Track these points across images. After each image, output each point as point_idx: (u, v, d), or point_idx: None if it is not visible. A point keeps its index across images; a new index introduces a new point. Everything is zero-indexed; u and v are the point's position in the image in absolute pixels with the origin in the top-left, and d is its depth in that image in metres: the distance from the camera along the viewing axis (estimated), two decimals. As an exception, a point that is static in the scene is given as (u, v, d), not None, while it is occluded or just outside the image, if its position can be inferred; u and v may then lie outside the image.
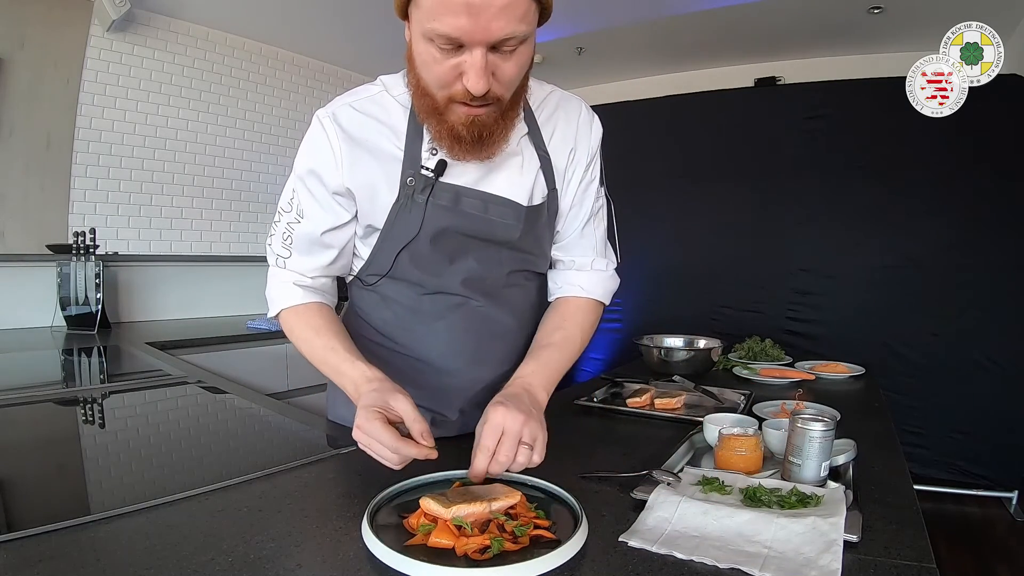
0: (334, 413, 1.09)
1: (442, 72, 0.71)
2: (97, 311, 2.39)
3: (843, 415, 1.03)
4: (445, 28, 0.66)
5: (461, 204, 0.86)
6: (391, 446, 0.69)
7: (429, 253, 0.88)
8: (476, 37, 0.66)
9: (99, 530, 0.65)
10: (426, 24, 0.67)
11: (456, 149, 0.79)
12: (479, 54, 0.68)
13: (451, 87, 0.73)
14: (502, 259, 0.93)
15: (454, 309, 0.93)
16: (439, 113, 0.77)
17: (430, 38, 0.68)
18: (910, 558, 0.60)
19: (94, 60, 2.62)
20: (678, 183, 3.24)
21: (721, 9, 2.90)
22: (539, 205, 0.91)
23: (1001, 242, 2.55)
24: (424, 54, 0.71)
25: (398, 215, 0.86)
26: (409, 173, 0.84)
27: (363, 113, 0.85)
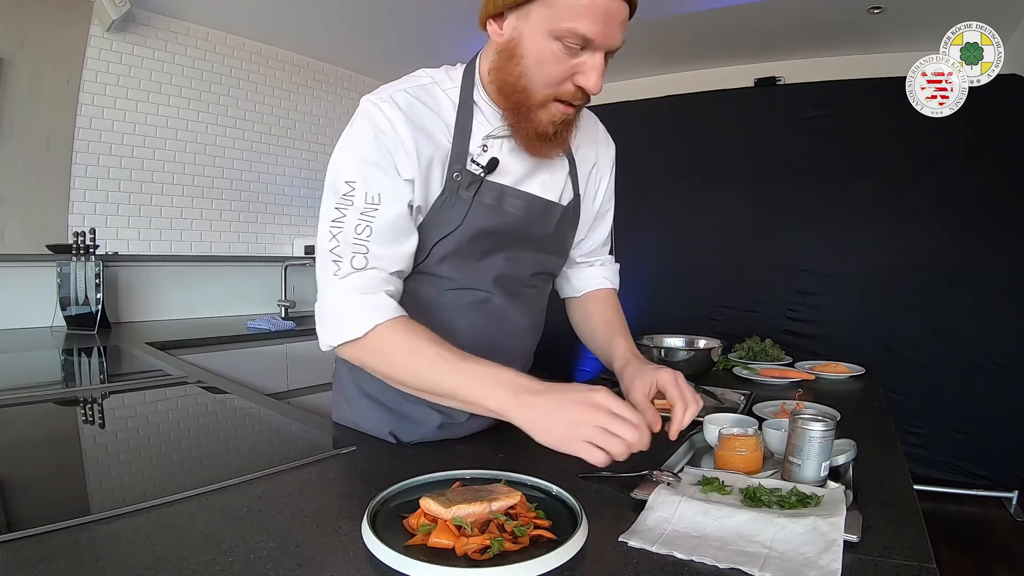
0: (341, 416, 1.07)
1: (558, 71, 0.76)
2: (97, 311, 2.39)
3: (843, 415, 1.03)
4: (584, 29, 0.72)
5: (504, 204, 0.88)
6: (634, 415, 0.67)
7: (463, 248, 0.89)
8: (605, 42, 0.75)
9: (99, 530, 0.65)
10: (560, 23, 0.72)
11: (535, 145, 0.83)
12: (600, 57, 0.76)
13: (559, 86, 0.78)
14: (528, 260, 0.96)
15: (475, 306, 0.94)
16: (531, 110, 0.80)
17: (559, 36, 0.73)
18: (910, 558, 0.60)
19: (94, 60, 2.62)
20: (678, 183, 3.23)
21: (721, 9, 2.90)
22: (567, 206, 0.97)
23: (1001, 242, 2.55)
24: (544, 52, 0.75)
25: (441, 208, 0.85)
26: (456, 168, 0.84)
27: (419, 100, 0.84)
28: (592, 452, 0.66)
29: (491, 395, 0.71)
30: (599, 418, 0.66)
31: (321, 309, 0.81)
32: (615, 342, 0.99)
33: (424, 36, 3.21)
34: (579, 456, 0.67)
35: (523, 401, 0.69)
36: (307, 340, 2.66)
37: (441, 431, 0.98)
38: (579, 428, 0.66)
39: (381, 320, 0.77)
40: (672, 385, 0.82)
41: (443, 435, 0.98)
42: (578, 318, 1.12)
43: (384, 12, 2.96)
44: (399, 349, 0.77)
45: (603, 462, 0.66)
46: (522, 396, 0.69)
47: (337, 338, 0.79)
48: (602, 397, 0.67)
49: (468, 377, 0.73)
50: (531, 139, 0.82)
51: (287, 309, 3.08)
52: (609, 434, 0.66)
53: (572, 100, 0.79)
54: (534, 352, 1.10)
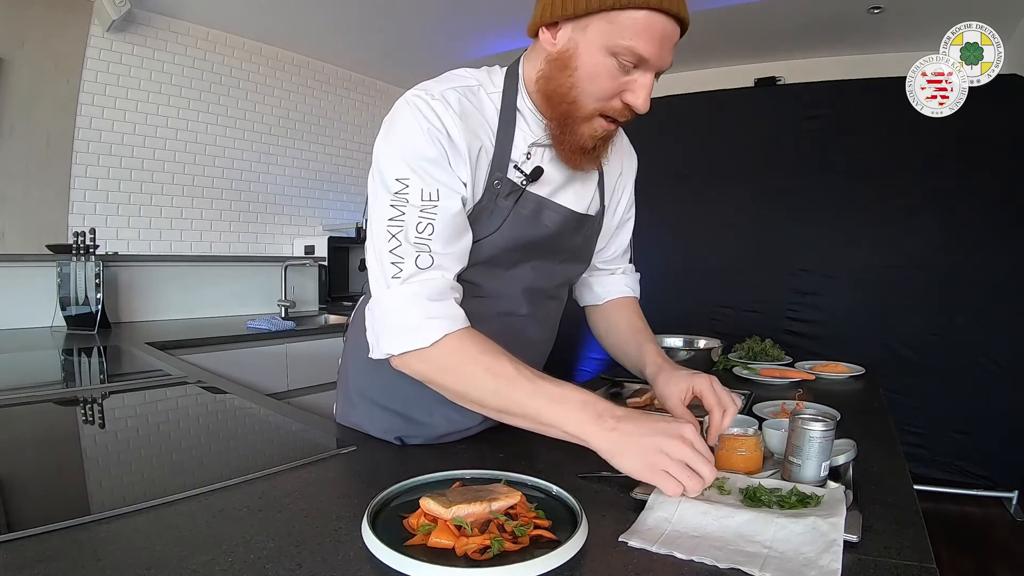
0: (344, 418, 1.06)
1: (610, 86, 0.77)
2: (97, 311, 2.39)
3: (843, 415, 1.03)
4: (641, 49, 0.73)
5: (542, 216, 0.88)
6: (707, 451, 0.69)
7: (496, 256, 0.88)
8: (658, 62, 0.76)
9: (99, 530, 0.65)
10: (619, 40, 0.73)
11: (575, 158, 0.84)
12: (651, 77, 0.77)
13: (608, 101, 0.78)
14: (554, 271, 0.96)
15: (500, 316, 0.92)
16: (576, 123, 0.80)
17: (615, 53, 0.74)
18: (910, 558, 0.60)
19: (94, 60, 2.62)
20: (678, 183, 3.23)
21: (721, 9, 2.90)
22: (594, 216, 0.98)
23: (1001, 242, 2.55)
24: (599, 66, 0.76)
25: (479, 214, 0.84)
26: (497, 175, 0.83)
27: (468, 100, 0.82)
28: (671, 484, 0.67)
29: (575, 419, 0.70)
30: (684, 452, 0.67)
31: (381, 315, 0.76)
32: (644, 348, 1.00)
33: (424, 36, 3.21)
34: (656, 485, 0.68)
35: (607, 426, 0.69)
36: (307, 340, 2.66)
37: (447, 436, 0.98)
38: (661, 459, 0.67)
39: (451, 330, 0.73)
40: (709, 391, 0.83)
41: (448, 438, 0.98)
42: (603, 328, 1.13)
43: (384, 12, 2.96)
44: (472, 363, 0.73)
45: (677, 493, 0.68)
46: (607, 421, 0.70)
47: (400, 347, 0.74)
48: (689, 431, 0.69)
49: (550, 400, 0.71)
50: (572, 151, 0.83)
51: (287, 309, 3.08)
52: (689, 470, 0.67)
53: (617, 116, 0.80)
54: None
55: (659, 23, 0.73)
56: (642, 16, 0.72)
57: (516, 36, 3.35)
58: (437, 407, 0.93)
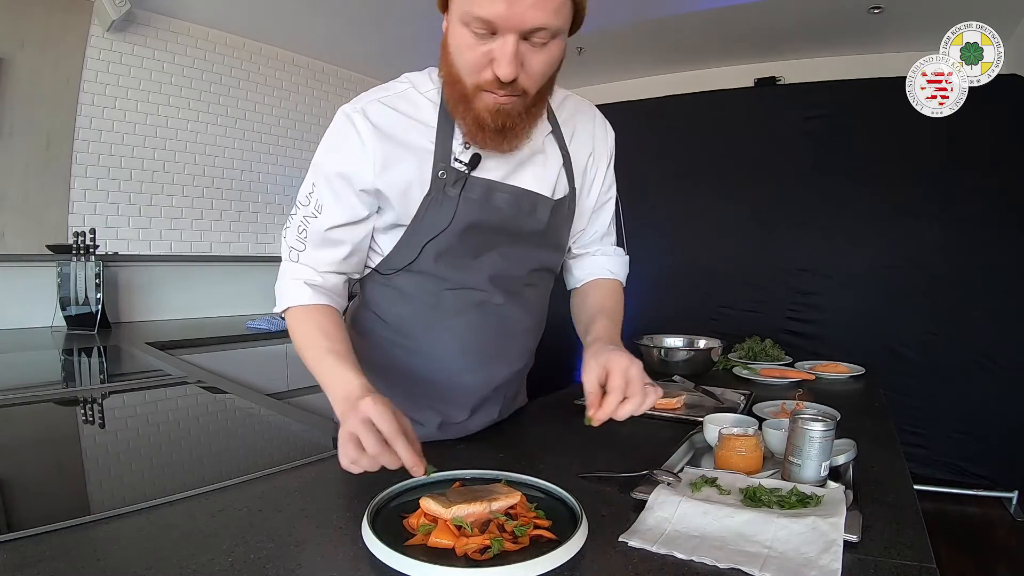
0: None
1: (474, 58, 0.74)
2: (97, 311, 2.39)
3: (843, 415, 1.02)
4: (482, 12, 0.69)
5: (492, 199, 0.88)
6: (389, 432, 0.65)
7: (456, 247, 0.89)
8: (510, 23, 0.69)
9: (99, 530, 0.65)
10: (464, 8, 0.70)
11: (479, 137, 0.81)
12: (511, 41, 0.71)
13: (480, 74, 0.75)
14: (525, 257, 0.95)
15: (474, 307, 0.93)
16: (467, 100, 0.78)
17: (466, 22, 0.71)
18: (910, 558, 0.60)
19: (94, 60, 2.62)
20: (678, 183, 3.24)
21: (721, 9, 2.90)
22: (561, 200, 0.95)
23: (1001, 242, 2.55)
24: (459, 38, 0.74)
25: (429, 208, 0.86)
26: (441, 166, 0.84)
27: (393, 108, 0.84)
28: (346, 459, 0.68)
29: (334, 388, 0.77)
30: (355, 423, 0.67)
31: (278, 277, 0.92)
32: (596, 321, 0.94)
33: (424, 36, 3.21)
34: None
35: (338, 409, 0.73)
36: (307, 340, 2.65)
37: (440, 431, 0.98)
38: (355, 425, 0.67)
39: (295, 303, 0.87)
40: (618, 374, 0.77)
41: (442, 435, 0.98)
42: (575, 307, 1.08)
43: (384, 12, 2.96)
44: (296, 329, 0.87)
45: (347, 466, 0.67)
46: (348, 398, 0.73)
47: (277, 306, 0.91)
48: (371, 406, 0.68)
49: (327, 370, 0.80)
50: (474, 131, 0.81)
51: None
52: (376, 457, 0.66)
53: (495, 89, 0.76)
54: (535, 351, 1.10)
55: None
56: None
57: (516, 36, 3.35)
58: (429, 405, 0.95)
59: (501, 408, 1.05)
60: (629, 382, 0.76)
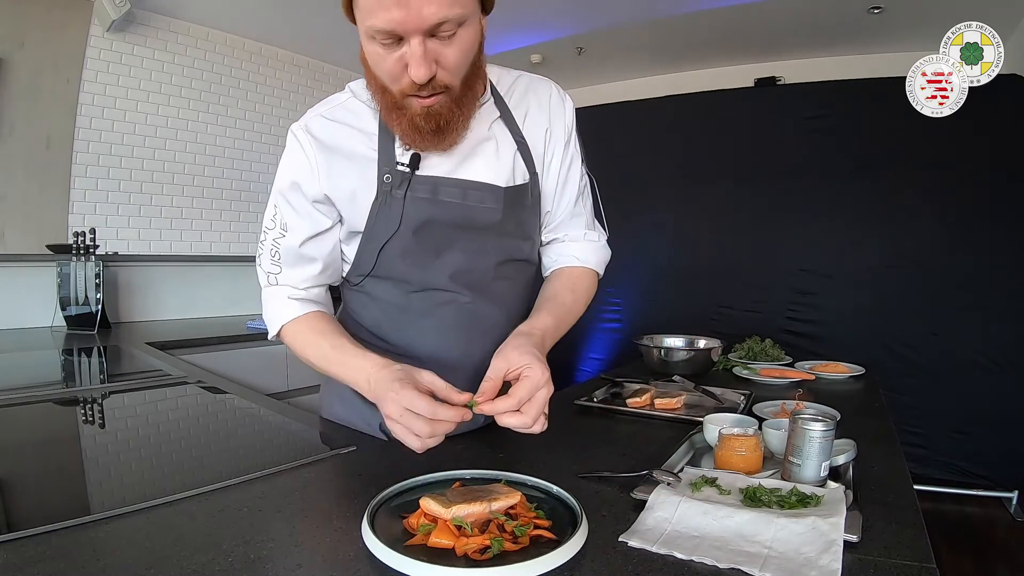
0: (329, 411, 1.08)
1: (389, 67, 0.74)
2: (97, 311, 2.39)
3: (843, 415, 1.02)
4: (381, 23, 0.69)
5: (439, 194, 0.87)
6: (429, 411, 0.69)
7: (413, 247, 0.89)
8: (410, 26, 0.69)
9: (99, 530, 0.65)
10: (366, 23, 0.70)
11: (417, 141, 0.82)
12: (417, 43, 0.70)
13: (400, 80, 0.75)
14: (488, 249, 0.93)
15: (442, 306, 0.93)
16: (398, 108, 0.79)
17: (371, 36, 0.72)
18: (910, 558, 0.60)
19: (94, 60, 2.62)
20: (678, 183, 3.24)
21: (721, 9, 2.90)
22: (520, 186, 0.92)
23: (1001, 242, 2.56)
24: (371, 52, 0.75)
25: (379, 212, 0.87)
26: (385, 171, 0.85)
27: (334, 120, 0.87)
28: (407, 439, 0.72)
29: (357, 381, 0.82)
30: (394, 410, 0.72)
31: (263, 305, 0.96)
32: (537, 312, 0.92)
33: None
34: None
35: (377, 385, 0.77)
36: (307, 340, 2.66)
37: None
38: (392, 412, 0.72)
39: (286, 320, 0.91)
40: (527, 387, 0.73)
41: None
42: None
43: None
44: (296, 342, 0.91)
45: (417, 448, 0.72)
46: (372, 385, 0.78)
47: (269, 332, 0.94)
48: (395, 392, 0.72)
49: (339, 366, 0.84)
50: (412, 135, 0.81)
51: (287, 309, 3.08)
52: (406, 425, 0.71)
53: (417, 92, 0.75)
54: None
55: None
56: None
57: (513, 38, 3.35)
58: None
59: None
60: (532, 402, 0.72)
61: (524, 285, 1.02)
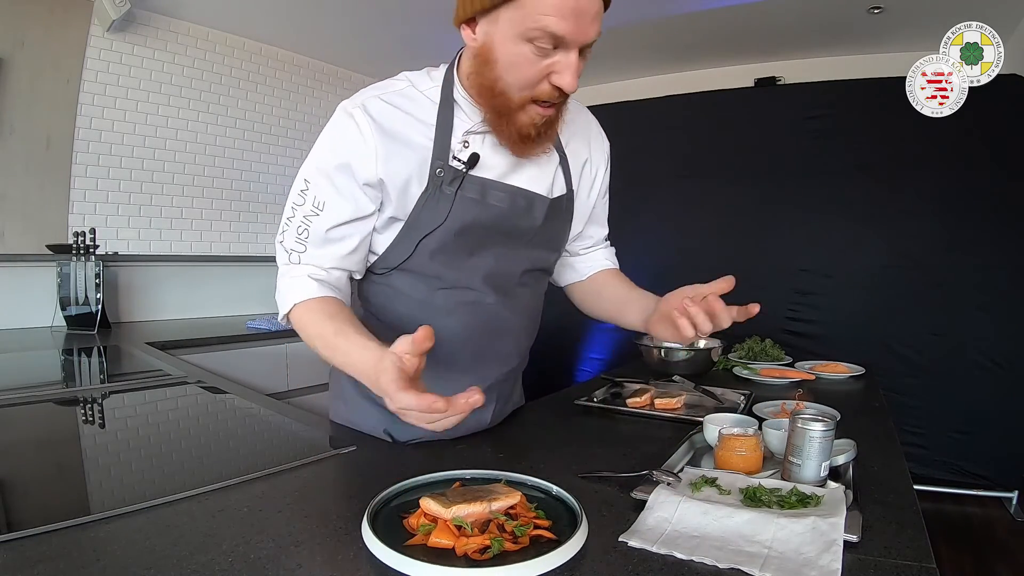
0: (337, 415, 1.08)
1: (532, 73, 0.76)
2: (97, 311, 2.39)
3: (843, 415, 1.03)
4: (553, 27, 0.71)
5: (488, 197, 0.88)
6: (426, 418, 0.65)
7: (450, 245, 0.89)
8: (577, 38, 0.73)
9: (99, 530, 0.65)
10: (529, 24, 0.72)
11: (519, 147, 0.84)
12: (574, 55, 0.75)
13: (535, 87, 0.77)
14: (519, 257, 0.96)
15: (466, 305, 0.93)
16: (511, 113, 0.80)
17: (529, 38, 0.73)
18: (910, 558, 0.60)
19: (94, 60, 2.61)
20: (678, 183, 3.24)
21: (721, 9, 2.90)
22: (558, 199, 0.96)
23: (1001, 242, 2.55)
24: (515, 55, 0.75)
25: (425, 205, 0.86)
26: (438, 164, 0.85)
27: (392, 105, 0.85)
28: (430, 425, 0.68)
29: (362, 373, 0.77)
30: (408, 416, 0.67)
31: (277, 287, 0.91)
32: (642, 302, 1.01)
33: (424, 35, 3.21)
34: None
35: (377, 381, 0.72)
36: (307, 340, 2.66)
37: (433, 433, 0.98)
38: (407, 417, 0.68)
39: (298, 300, 0.86)
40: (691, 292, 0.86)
41: (439, 435, 0.98)
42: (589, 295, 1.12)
43: (384, 11, 2.96)
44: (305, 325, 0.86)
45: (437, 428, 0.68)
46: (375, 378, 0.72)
47: (279, 313, 0.90)
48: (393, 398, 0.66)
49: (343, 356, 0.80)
50: (514, 141, 0.83)
51: (287, 309, 3.07)
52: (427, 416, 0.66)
53: (550, 99, 0.79)
54: (530, 351, 1.09)
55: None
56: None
57: (516, 36, 3.34)
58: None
59: (494, 411, 1.04)
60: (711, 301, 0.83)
61: (539, 295, 1.07)
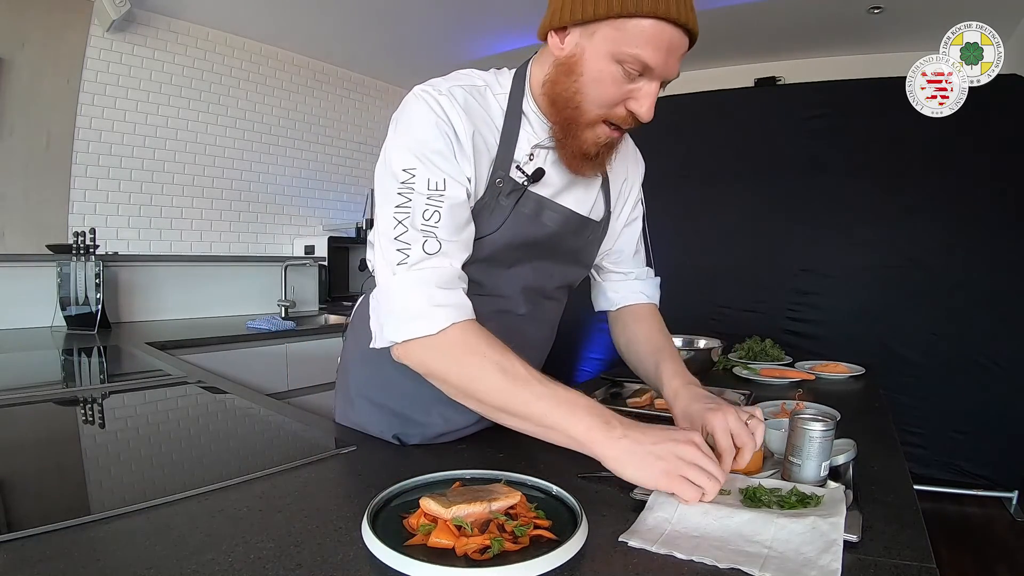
0: (344, 418, 1.06)
1: (614, 93, 0.76)
2: (97, 311, 2.39)
3: (843, 415, 1.02)
4: (647, 57, 0.73)
5: (543, 216, 0.89)
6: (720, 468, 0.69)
7: (496, 255, 0.88)
8: (664, 72, 0.76)
9: (99, 530, 0.65)
10: (624, 48, 0.73)
11: (576, 163, 0.83)
12: (656, 86, 0.77)
13: (612, 108, 0.78)
14: (555, 272, 0.96)
15: (497, 315, 0.92)
16: (579, 128, 0.80)
17: (620, 60, 0.74)
18: (910, 558, 0.60)
19: (94, 60, 2.62)
20: (678, 183, 3.23)
21: (721, 9, 2.90)
22: (598, 222, 0.97)
23: (1001, 242, 2.55)
24: (604, 72, 0.76)
25: (480, 212, 0.84)
26: (500, 173, 0.84)
27: (473, 98, 0.83)
28: (690, 490, 0.66)
29: (583, 424, 0.69)
30: (697, 456, 0.68)
31: (387, 301, 0.74)
32: (662, 367, 0.95)
33: (424, 36, 3.21)
34: (675, 492, 0.67)
35: (616, 434, 0.68)
36: (307, 340, 2.66)
37: (444, 435, 0.98)
38: (677, 464, 0.67)
39: (458, 319, 0.72)
40: (722, 432, 0.76)
41: (445, 438, 0.98)
42: (622, 342, 1.09)
43: (385, 12, 2.96)
44: (479, 356, 0.72)
45: (696, 498, 0.67)
46: (615, 428, 0.68)
47: (404, 334, 0.72)
48: (697, 436, 0.70)
49: (557, 403, 0.69)
50: (575, 157, 0.82)
51: (287, 309, 3.08)
52: (705, 473, 0.67)
53: (621, 123, 0.80)
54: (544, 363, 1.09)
55: (667, 33, 0.73)
56: (649, 25, 0.72)
57: (516, 37, 3.35)
58: (434, 406, 0.93)
59: None
60: (734, 434, 0.76)
61: (562, 307, 1.07)
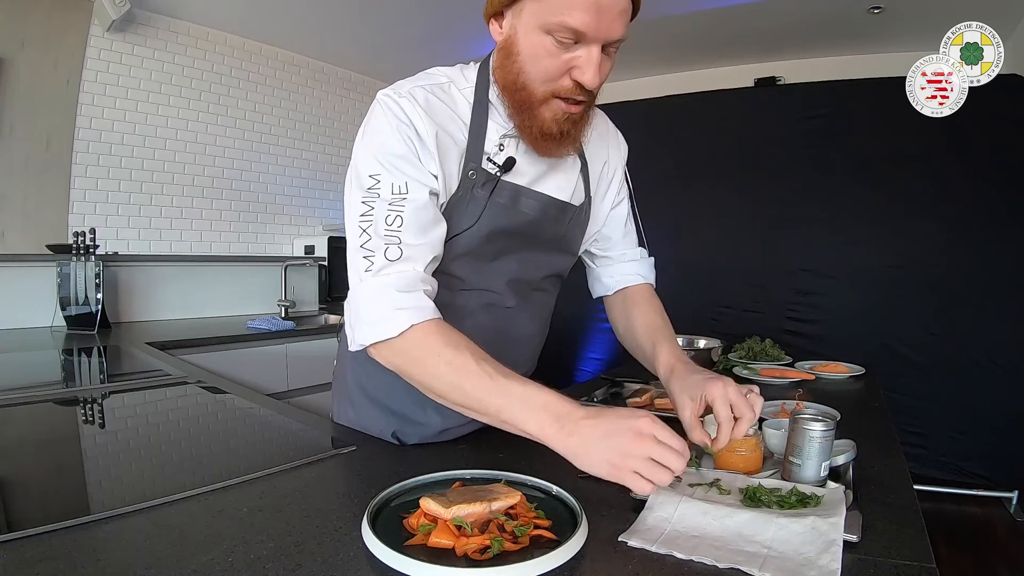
0: (342, 417, 1.07)
1: (553, 66, 0.75)
2: (97, 311, 2.39)
3: (843, 415, 1.02)
4: (574, 22, 0.70)
5: (519, 204, 0.88)
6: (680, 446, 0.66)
7: (477, 248, 0.88)
8: (599, 35, 0.72)
9: (99, 530, 0.65)
10: (550, 17, 0.71)
11: (541, 145, 0.82)
12: (596, 50, 0.73)
13: (556, 81, 0.76)
14: (541, 262, 0.96)
15: (485, 309, 0.93)
16: (532, 108, 0.79)
17: (549, 31, 0.72)
18: (910, 558, 0.60)
19: (94, 60, 2.62)
20: (678, 183, 3.23)
21: (721, 9, 2.90)
22: (580, 206, 0.96)
23: (1001, 242, 2.55)
24: (537, 47, 0.74)
25: (456, 206, 0.84)
26: (471, 166, 0.84)
27: (436, 97, 0.83)
28: (639, 483, 0.65)
29: (535, 421, 0.69)
30: (647, 448, 0.64)
31: (355, 308, 0.76)
32: (658, 348, 0.95)
33: (424, 35, 3.21)
34: (626, 485, 0.66)
35: (567, 430, 0.67)
36: (307, 340, 2.66)
37: (442, 434, 0.98)
38: (626, 459, 0.65)
39: (417, 320, 0.73)
40: (721, 402, 0.77)
41: (443, 437, 0.98)
42: (621, 327, 1.08)
43: (384, 12, 2.96)
44: (436, 355, 0.73)
45: (650, 491, 0.66)
46: (566, 424, 0.68)
47: (371, 337, 0.74)
48: (647, 424, 0.66)
49: (511, 399, 0.70)
50: (537, 138, 0.81)
51: (287, 309, 3.08)
52: (656, 464, 0.64)
53: (572, 96, 0.77)
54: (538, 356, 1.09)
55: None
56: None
57: (516, 36, 3.34)
58: (429, 403, 0.93)
59: None
60: (733, 404, 0.77)
61: (552, 302, 1.06)
